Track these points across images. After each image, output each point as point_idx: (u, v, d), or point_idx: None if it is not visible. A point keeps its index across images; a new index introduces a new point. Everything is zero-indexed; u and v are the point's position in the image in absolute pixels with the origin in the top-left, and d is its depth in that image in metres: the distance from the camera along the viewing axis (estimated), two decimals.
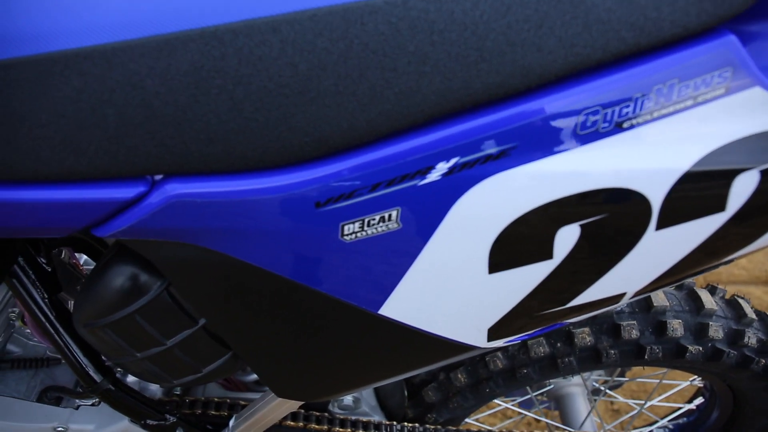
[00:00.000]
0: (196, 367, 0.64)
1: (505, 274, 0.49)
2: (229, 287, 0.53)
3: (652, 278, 0.52)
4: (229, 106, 0.43)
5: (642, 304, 0.83)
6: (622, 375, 1.16)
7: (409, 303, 0.51)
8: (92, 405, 0.81)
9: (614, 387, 1.15)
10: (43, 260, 0.65)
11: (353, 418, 0.85)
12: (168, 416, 0.75)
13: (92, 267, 0.73)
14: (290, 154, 0.44)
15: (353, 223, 0.46)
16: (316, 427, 0.83)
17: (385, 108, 0.42)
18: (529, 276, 0.49)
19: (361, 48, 0.41)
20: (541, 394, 1.12)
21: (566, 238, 0.47)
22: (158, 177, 0.47)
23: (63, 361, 0.81)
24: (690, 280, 0.83)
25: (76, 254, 0.80)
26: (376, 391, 0.93)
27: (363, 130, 0.43)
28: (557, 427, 0.93)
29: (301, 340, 0.57)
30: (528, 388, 1.13)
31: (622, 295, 0.53)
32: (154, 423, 0.74)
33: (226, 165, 0.45)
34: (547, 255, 0.48)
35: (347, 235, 0.47)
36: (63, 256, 0.74)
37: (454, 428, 0.88)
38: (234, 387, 0.89)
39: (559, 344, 0.83)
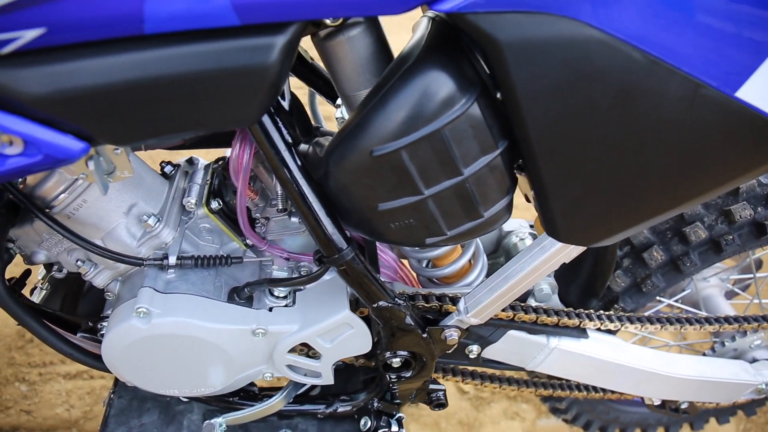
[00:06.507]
0: (478, 211, 0.56)
1: None
2: (574, 80, 0.46)
3: None
4: None
5: None
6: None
7: None
8: (285, 306, 0.69)
9: (745, 288, 1.16)
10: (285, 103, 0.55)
11: (557, 308, 0.79)
12: (399, 301, 0.66)
13: None
14: None
15: None
16: (525, 316, 0.76)
17: None
18: None
19: None
20: (677, 300, 1.10)
21: None
22: None
23: (245, 260, 0.70)
24: None
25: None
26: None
27: None
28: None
29: (625, 149, 0.50)
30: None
31: None
32: (386, 305, 0.65)
33: None
34: None
35: None
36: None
37: (646, 315, 0.83)
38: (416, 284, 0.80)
39: (759, 208, 0.81)
